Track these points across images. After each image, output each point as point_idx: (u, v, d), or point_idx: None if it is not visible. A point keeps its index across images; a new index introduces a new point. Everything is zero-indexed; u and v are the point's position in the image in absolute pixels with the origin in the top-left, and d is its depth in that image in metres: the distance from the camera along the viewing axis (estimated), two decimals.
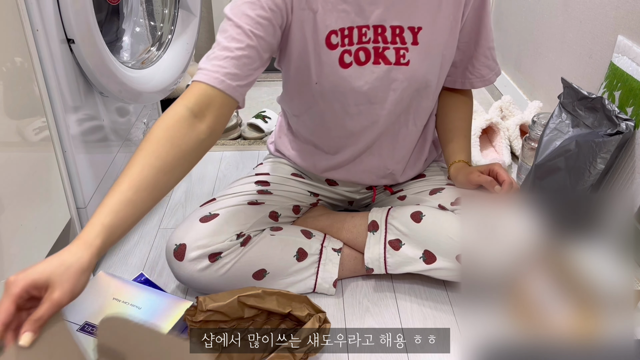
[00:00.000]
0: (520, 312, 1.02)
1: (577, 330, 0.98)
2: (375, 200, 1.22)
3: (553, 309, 1.01)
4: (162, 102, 1.79)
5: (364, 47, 0.97)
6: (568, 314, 1.01)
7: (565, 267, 1.06)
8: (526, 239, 0.97)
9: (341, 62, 0.97)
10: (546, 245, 0.99)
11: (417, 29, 0.97)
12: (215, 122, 0.86)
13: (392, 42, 0.97)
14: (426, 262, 1.05)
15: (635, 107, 1.13)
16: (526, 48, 1.89)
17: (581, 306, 1.03)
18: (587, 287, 1.05)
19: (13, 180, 0.84)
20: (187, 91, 0.85)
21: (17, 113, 0.86)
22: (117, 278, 1.06)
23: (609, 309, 1.03)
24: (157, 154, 0.78)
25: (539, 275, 1.01)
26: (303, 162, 1.17)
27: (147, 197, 0.76)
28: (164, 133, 0.80)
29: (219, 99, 0.86)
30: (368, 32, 0.96)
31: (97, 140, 1.16)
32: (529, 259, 0.98)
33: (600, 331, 0.97)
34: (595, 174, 1.12)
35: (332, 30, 0.94)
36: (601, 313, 1.01)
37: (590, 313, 1.01)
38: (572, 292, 1.04)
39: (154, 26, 1.41)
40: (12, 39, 0.86)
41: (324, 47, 0.95)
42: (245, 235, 1.03)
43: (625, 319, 1.04)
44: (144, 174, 0.76)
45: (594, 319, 1.00)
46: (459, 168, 1.10)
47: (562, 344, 0.94)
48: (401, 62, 0.99)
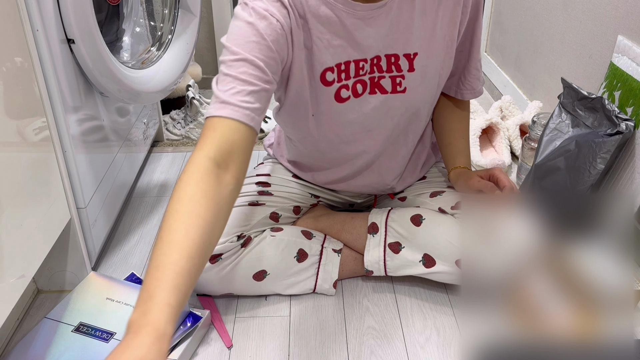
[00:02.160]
0: (520, 312, 1.02)
1: (577, 330, 0.98)
2: (379, 205, 1.22)
3: (553, 309, 1.01)
4: (162, 102, 1.79)
5: (361, 79, 0.95)
6: (568, 314, 1.01)
7: (565, 267, 1.06)
8: (526, 243, 0.97)
9: (337, 97, 0.95)
10: (546, 246, 0.99)
11: (413, 55, 0.96)
12: (239, 171, 0.77)
13: (387, 71, 0.96)
14: (426, 266, 1.05)
15: (635, 107, 1.13)
16: (526, 48, 1.89)
17: (581, 307, 1.03)
18: (587, 288, 1.05)
19: (13, 180, 0.84)
20: (206, 136, 0.76)
21: (17, 113, 0.86)
22: (108, 278, 1.06)
23: (609, 309, 1.03)
24: (195, 213, 0.68)
25: (539, 276, 1.01)
26: (302, 174, 1.17)
27: (199, 263, 0.67)
28: (195, 189, 0.70)
29: (242, 139, 0.78)
30: (365, 65, 0.94)
31: (97, 140, 1.16)
32: (528, 263, 0.98)
33: (600, 331, 0.97)
34: (595, 174, 1.11)
35: (327, 68, 0.92)
36: (601, 313, 1.01)
37: (590, 313, 1.02)
38: (572, 292, 1.04)
39: (154, 26, 1.41)
40: (12, 39, 0.86)
41: (319, 84, 0.94)
42: (245, 236, 1.03)
43: (625, 319, 1.04)
44: (190, 238, 0.66)
45: (594, 320, 1.00)
46: (458, 173, 1.09)
47: (562, 344, 0.94)
48: (398, 90, 0.98)
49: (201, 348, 0.99)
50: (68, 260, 1.08)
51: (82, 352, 0.90)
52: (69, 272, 1.10)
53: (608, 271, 1.06)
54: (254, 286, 1.05)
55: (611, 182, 1.15)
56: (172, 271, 0.63)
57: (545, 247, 0.99)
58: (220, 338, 1.00)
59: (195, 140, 1.77)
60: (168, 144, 1.74)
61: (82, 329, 0.94)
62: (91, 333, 0.93)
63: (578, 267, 1.05)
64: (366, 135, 1.02)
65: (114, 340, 0.92)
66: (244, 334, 1.02)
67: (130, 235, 1.30)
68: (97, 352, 0.90)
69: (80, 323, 0.95)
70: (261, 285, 1.05)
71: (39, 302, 1.09)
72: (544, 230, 0.99)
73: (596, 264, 1.07)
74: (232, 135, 0.76)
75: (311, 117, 0.99)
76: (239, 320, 1.05)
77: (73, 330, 0.94)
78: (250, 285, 1.04)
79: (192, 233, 0.67)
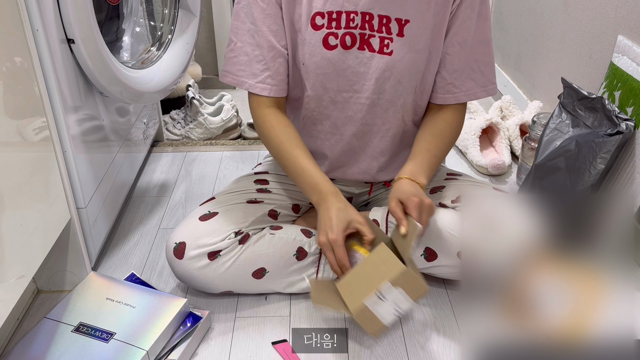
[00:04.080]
0: (521, 312, 1.02)
1: (576, 330, 0.98)
2: (374, 195, 1.22)
3: (553, 308, 1.01)
4: (162, 102, 1.79)
5: (351, 32, 0.99)
6: (568, 314, 1.01)
7: (565, 267, 1.06)
8: (526, 236, 0.97)
9: (325, 43, 1.00)
10: (546, 244, 0.99)
11: (405, 22, 0.99)
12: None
13: (378, 31, 1.00)
14: (427, 260, 1.05)
15: (635, 107, 1.13)
16: (526, 48, 1.89)
17: (581, 306, 1.03)
18: (587, 287, 1.05)
19: (13, 180, 0.84)
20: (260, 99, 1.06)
21: (17, 113, 0.86)
22: (108, 278, 1.06)
23: (608, 308, 1.03)
24: (299, 143, 1.04)
25: (539, 274, 1.01)
26: None
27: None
28: (289, 129, 1.06)
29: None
30: (356, 18, 0.98)
31: (97, 140, 1.16)
32: (529, 256, 0.98)
33: (600, 331, 0.97)
34: (595, 174, 1.11)
35: (317, 12, 0.98)
36: (601, 312, 1.01)
37: (590, 313, 1.01)
38: (572, 292, 1.04)
39: (154, 26, 1.41)
40: (12, 39, 0.86)
41: (309, 27, 0.99)
42: (243, 233, 1.03)
43: (625, 318, 1.04)
44: (303, 147, 1.04)
45: (593, 319, 1.00)
46: (395, 185, 1.00)
47: (562, 344, 0.94)
48: (384, 51, 1.00)
49: (201, 348, 0.99)
50: (68, 260, 1.08)
51: (82, 352, 0.90)
52: (69, 272, 1.10)
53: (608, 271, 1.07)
54: (253, 284, 1.05)
55: (611, 182, 1.15)
56: (313, 168, 1.02)
57: (545, 245, 0.99)
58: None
59: (195, 140, 1.77)
60: (168, 144, 1.74)
61: (82, 329, 0.94)
62: (91, 333, 0.93)
63: (578, 267, 1.05)
64: (353, 96, 1.04)
65: (113, 340, 0.91)
66: (244, 334, 1.02)
67: (130, 235, 1.30)
68: (97, 352, 0.90)
69: (80, 323, 0.95)
70: (261, 284, 1.05)
71: (39, 302, 1.09)
72: (544, 230, 0.99)
73: (596, 263, 1.07)
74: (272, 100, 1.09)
75: (302, 65, 1.03)
76: (239, 320, 1.05)
77: (73, 331, 0.94)
78: (250, 283, 1.04)
79: (308, 158, 1.03)
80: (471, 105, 1.71)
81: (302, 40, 1.01)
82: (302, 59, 1.02)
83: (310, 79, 1.04)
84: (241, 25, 1.02)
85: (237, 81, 1.05)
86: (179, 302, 0.98)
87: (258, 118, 1.07)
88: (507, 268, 0.98)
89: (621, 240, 1.14)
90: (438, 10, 0.99)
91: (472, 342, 1.00)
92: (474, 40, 1.03)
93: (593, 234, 1.15)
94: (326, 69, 1.02)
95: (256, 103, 1.06)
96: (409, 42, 1.00)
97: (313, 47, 1.00)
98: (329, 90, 1.04)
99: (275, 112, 1.06)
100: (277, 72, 1.03)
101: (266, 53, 1.02)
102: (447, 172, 1.18)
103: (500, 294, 1.05)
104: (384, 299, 0.89)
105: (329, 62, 1.01)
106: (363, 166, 1.14)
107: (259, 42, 1.01)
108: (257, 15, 1.00)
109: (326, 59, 1.01)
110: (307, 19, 0.99)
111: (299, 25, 1.00)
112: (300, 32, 1.01)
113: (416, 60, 1.02)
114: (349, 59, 1.01)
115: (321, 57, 1.00)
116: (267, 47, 1.01)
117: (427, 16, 0.99)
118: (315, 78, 1.03)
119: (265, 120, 1.05)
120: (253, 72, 1.03)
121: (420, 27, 0.99)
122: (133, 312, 0.97)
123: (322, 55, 1.00)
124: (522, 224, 0.98)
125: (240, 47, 1.03)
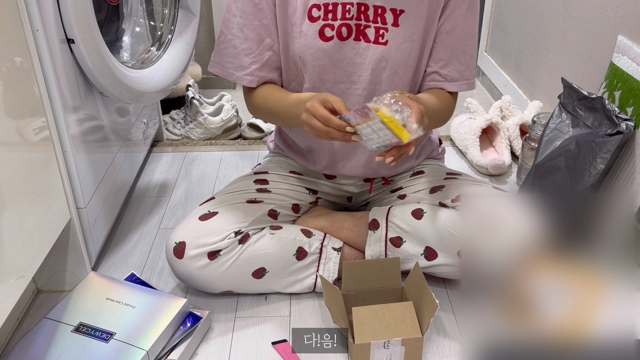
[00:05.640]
0: (521, 311, 1.02)
1: (576, 330, 0.98)
2: (374, 194, 1.22)
3: (553, 308, 1.01)
4: (162, 102, 1.79)
5: (347, 23, 1.00)
6: (568, 313, 1.01)
7: (565, 267, 1.06)
8: (526, 236, 0.97)
9: (321, 35, 1.00)
10: (546, 244, 0.99)
11: (399, 12, 1.00)
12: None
13: (373, 21, 1.01)
14: (427, 259, 1.05)
15: (635, 107, 1.13)
16: (526, 48, 1.89)
17: (581, 306, 1.03)
18: (587, 287, 1.05)
19: (13, 180, 0.84)
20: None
21: (17, 113, 0.86)
22: (108, 278, 1.06)
23: (608, 308, 1.03)
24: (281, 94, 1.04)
25: (539, 274, 1.01)
26: (303, 161, 1.19)
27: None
28: (273, 86, 1.08)
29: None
30: (352, 8, 0.99)
31: (97, 140, 1.16)
32: (529, 256, 0.98)
33: (600, 331, 0.97)
34: (595, 174, 1.11)
35: (314, 4, 0.99)
36: (601, 312, 1.01)
37: (590, 313, 1.01)
38: (572, 292, 1.04)
39: (154, 26, 1.41)
40: (12, 39, 0.86)
41: (305, 19, 1.00)
42: (243, 232, 1.03)
43: (625, 318, 1.04)
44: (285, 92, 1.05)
45: (593, 319, 1.00)
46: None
47: (562, 343, 0.94)
48: (380, 41, 1.01)
49: (201, 348, 0.99)
50: (68, 260, 1.08)
51: (82, 352, 0.90)
52: (69, 272, 1.10)
53: (608, 271, 1.07)
54: (253, 284, 1.05)
55: (611, 182, 1.15)
56: (297, 94, 1.01)
57: (545, 245, 0.99)
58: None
59: (195, 140, 1.77)
60: (168, 144, 1.74)
61: (82, 329, 0.94)
62: (91, 333, 0.93)
63: (578, 267, 1.05)
64: (350, 87, 1.05)
65: (113, 340, 0.91)
66: (244, 334, 1.02)
67: (130, 235, 1.30)
68: (97, 352, 0.90)
69: (80, 323, 0.95)
70: (260, 283, 1.05)
71: (39, 302, 1.09)
72: (544, 230, 0.99)
73: (596, 264, 1.07)
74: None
75: (298, 59, 1.03)
76: (238, 320, 1.05)
77: (73, 331, 0.94)
78: (250, 282, 1.04)
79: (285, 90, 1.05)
80: (471, 105, 1.71)
81: (298, 33, 1.01)
82: (299, 52, 1.03)
83: (307, 72, 1.04)
84: (232, 19, 1.04)
85: (224, 72, 1.07)
86: (179, 302, 0.98)
87: (249, 102, 1.10)
88: (507, 267, 0.98)
89: (621, 240, 1.14)
90: (432, 0, 1.01)
91: (472, 342, 1.00)
92: (461, 31, 1.04)
93: (593, 234, 1.15)
94: (322, 61, 1.02)
95: (247, 92, 1.10)
96: (404, 32, 1.01)
97: (309, 40, 1.01)
98: (326, 82, 1.05)
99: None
100: (265, 64, 1.05)
101: (255, 47, 1.04)
102: (447, 171, 1.19)
103: (500, 293, 1.05)
104: (386, 349, 0.92)
105: (325, 54, 1.02)
106: (362, 159, 1.13)
107: (248, 35, 1.03)
108: (248, 9, 1.01)
109: (322, 50, 1.01)
110: (303, 11, 1.00)
111: (294, 19, 1.01)
112: (295, 25, 1.01)
113: (411, 50, 1.03)
114: (345, 50, 1.02)
115: (317, 49, 1.01)
116: (256, 40, 1.03)
117: (422, 6, 1.00)
118: (312, 70, 1.04)
119: (254, 97, 1.08)
120: (241, 65, 1.05)
121: (415, 18, 1.00)
122: (133, 312, 0.97)
123: (318, 47, 1.01)
124: (522, 223, 0.98)
125: (229, 40, 1.04)
